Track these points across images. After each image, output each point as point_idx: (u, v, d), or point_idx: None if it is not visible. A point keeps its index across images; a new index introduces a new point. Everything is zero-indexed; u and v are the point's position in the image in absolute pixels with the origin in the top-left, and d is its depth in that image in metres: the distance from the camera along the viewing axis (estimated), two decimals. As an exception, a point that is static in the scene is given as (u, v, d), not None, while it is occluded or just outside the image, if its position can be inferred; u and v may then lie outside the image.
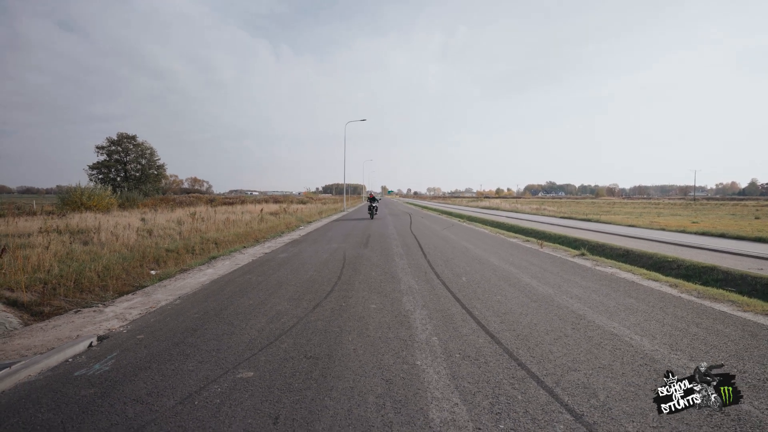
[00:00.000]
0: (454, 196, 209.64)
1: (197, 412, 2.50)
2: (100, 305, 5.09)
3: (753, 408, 2.42)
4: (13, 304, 5.16)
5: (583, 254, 9.38)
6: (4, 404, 2.61)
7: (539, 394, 2.72)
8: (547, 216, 27.62)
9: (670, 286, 6.05)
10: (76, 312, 4.86)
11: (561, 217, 25.89)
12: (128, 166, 44.91)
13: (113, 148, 44.05)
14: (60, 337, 3.87)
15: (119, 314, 4.64)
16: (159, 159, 47.17)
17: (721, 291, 5.78)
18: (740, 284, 7.12)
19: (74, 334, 3.92)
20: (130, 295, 5.60)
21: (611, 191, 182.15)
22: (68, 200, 22.51)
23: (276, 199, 61.22)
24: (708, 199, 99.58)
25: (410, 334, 3.91)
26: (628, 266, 7.94)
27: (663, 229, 16.75)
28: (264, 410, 2.53)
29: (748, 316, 4.48)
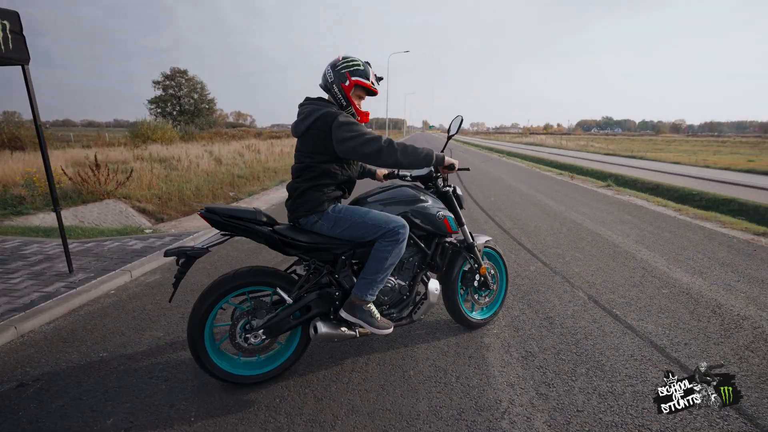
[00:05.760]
0: (499, 132, 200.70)
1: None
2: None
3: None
4: (142, 211, 7.12)
5: (609, 185, 10.21)
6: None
7: (525, 255, 4.19)
8: (591, 153, 27.21)
9: (674, 210, 7.00)
10: (184, 217, 6.71)
11: (605, 154, 25.50)
12: (182, 101, 47.51)
13: (168, 82, 46.45)
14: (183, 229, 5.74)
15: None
16: (209, 93, 49.27)
17: (714, 214, 6.67)
18: (751, 213, 7.88)
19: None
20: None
21: (676, 128, 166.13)
22: (137, 133, 24.86)
23: (319, 133, 62.52)
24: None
25: (444, 228, 5.39)
26: (645, 195, 8.81)
27: (707, 167, 16.67)
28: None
29: (723, 230, 5.51)
